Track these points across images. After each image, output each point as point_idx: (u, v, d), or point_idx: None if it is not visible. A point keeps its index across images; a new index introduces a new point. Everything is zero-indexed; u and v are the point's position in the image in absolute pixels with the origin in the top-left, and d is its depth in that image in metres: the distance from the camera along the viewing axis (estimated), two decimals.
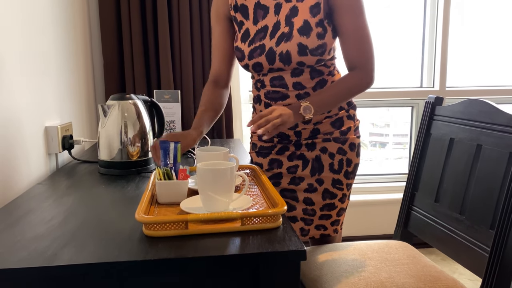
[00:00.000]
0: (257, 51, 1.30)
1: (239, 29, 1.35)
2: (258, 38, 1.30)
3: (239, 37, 1.34)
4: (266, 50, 1.29)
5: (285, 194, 1.40)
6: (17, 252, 0.78)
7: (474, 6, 2.66)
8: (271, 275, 0.80)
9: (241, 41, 1.33)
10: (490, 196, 1.12)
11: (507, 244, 1.03)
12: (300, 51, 1.25)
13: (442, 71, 2.59)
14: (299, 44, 1.25)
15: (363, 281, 1.11)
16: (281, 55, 1.27)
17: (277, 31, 1.28)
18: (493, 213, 1.10)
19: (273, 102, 1.34)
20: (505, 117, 1.12)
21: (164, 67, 2.08)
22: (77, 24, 1.89)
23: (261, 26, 1.31)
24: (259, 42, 1.30)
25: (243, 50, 1.32)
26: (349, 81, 1.28)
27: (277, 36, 1.28)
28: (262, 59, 1.30)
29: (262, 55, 1.29)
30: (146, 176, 1.35)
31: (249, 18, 1.32)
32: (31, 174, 1.36)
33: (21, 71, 1.31)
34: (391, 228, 2.56)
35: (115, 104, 1.37)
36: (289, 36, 1.26)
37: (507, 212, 1.04)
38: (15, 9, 1.29)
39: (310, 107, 1.21)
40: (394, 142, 3.00)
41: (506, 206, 1.04)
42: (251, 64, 1.32)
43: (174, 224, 0.85)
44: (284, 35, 1.27)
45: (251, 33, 1.32)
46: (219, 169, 0.93)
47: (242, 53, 1.33)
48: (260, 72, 1.34)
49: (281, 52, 1.27)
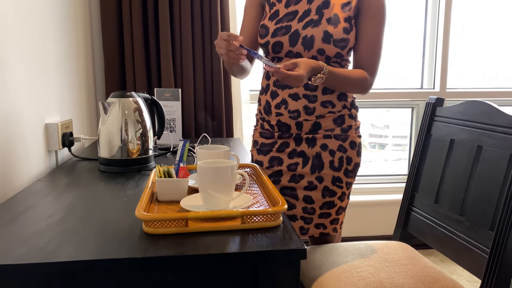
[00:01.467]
0: (282, 30, 1.33)
1: (270, 9, 1.38)
2: (286, 19, 1.34)
3: (268, 16, 1.38)
4: (292, 31, 1.32)
5: (285, 192, 1.41)
6: (16, 248, 0.78)
7: (475, 8, 2.66)
8: (271, 274, 0.80)
9: (269, 19, 1.37)
10: (490, 198, 1.12)
11: (506, 246, 1.03)
12: (324, 37, 1.28)
13: (443, 73, 2.59)
14: (325, 31, 1.28)
15: (362, 281, 1.11)
16: (304, 38, 1.30)
17: (307, 17, 1.32)
18: (493, 214, 1.10)
19: (280, 90, 1.35)
20: (506, 118, 1.12)
21: (165, 65, 2.08)
22: (78, 21, 1.89)
23: (291, 10, 1.35)
24: (287, 23, 1.33)
25: (268, 27, 1.35)
26: (359, 74, 1.33)
27: (305, 21, 1.32)
28: (284, 39, 1.32)
29: (286, 35, 1.32)
30: (146, 174, 1.35)
31: (282, 2, 1.37)
32: (31, 170, 1.36)
33: (21, 68, 1.31)
34: (391, 229, 2.56)
35: (115, 101, 1.37)
36: (317, 23, 1.30)
37: (507, 214, 1.04)
38: (16, 6, 1.28)
39: (322, 78, 1.21)
40: (394, 143, 3.00)
41: (506, 207, 1.04)
42: (272, 42, 1.34)
43: (174, 222, 0.85)
44: (312, 21, 1.31)
45: (280, 14, 1.36)
46: (220, 167, 0.93)
47: (266, 30, 1.35)
48: (277, 55, 1.36)
49: (305, 35, 1.30)
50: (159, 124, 1.61)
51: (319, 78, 1.20)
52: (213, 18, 2.09)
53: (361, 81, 1.33)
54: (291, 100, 1.34)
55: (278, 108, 1.36)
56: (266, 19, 1.37)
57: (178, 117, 1.94)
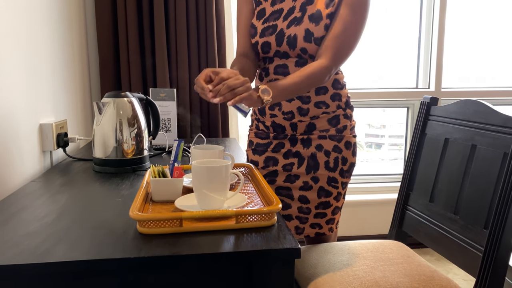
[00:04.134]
0: (269, 30, 1.33)
1: (256, 6, 1.39)
2: (272, 18, 1.34)
3: (255, 14, 1.38)
4: (277, 30, 1.32)
5: (280, 192, 1.41)
6: (9, 249, 0.78)
7: (470, 8, 2.67)
8: (265, 273, 0.80)
9: (256, 19, 1.37)
10: (484, 196, 1.12)
11: (500, 244, 1.04)
12: (306, 36, 1.28)
13: (438, 72, 2.60)
14: (307, 30, 1.27)
15: (358, 280, 1.11)
16: (289, 37, 1.30)
17: (291, 15, 1.31)
18: (487, 212, 1.11)
19: None
20: (499, 117, 1.13)
21: (160, 65, 2.07)
22: (73, 21, 1.88)
23: (277, 8, 1.35)
24: (273, 22, 1.33)
25: (256, 27, 1.36)
26: (308, 69, 1.23)
27: (289, 19, 1.31)
28: (271, 39, 1.32)
29: (272, 35, 1.32)
30: (141, 174, 1.35)
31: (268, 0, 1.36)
32: (25, 171, 1.35)
33: (16, 68, 1.30)
34: (386, 228, 2.56)
35: (110, 101, 1.37)
36: (299, 21, 1.29)
37: (501, 212, 1.04)
38: (9, 6, 1.28)
39: (268, 90, 1.14)
40: (390, 143, 3.01)
41: (500, 206, 1.05)
42: (261, 42, 1.35)
43: (168, 222, 0.85)
44: (295, 19, 1.30)
45: (266, 13, 1.36)
46: (214, 167, 0.93)
47: (255, 30, 1.36)
48: (267, 54, 1.36)
49: (289, 34, 1.29)
50: (154, 124, 1.61)
51: (263, 90, 1.14)
52: (208, 17, 2.09)
53: (315, 74, 1.22)
54: (284, 101, 1.34)
55: (272, 109, 1.36)
56: (254, 18, 1.38)
57: (174, 117, 1.94)
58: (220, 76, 1.07)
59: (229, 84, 1.05)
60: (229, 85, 1.05)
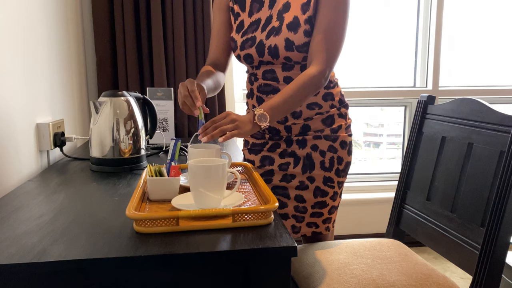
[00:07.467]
0: (248, 42, 1.33)
1: (235, 20, 1.38)
2: (251, 30, 1.33)
3: (234, 28, 1.38)
4: (257, 42, 1.31)
5: (277, 191, 1.41)
6: (6, 248, 0.78)
7: (467, 7, 2.68)
8: (262, 272, 0.80)
9: (236, 32, 1.37)
10: (481, 194, 1.13)
11: (497, 242, 1.04)
12: (287, 46, 1.27)
13: (435, 71, 2.60)
14: (286, 39, 1.27)
15: (355, 278, 1.12)
16: (270, 48, 1.29)
17: (268, 25, 1.31)
18: (483, 211, 1.11)
19: (265, 96, 1.35)
20: (496, 115, 1.13)
21: (157, 64, 2.07)
22: (69, 20, 1.88)
23: (255, 19, 1.34)
24: (251, 34, 1.33)
25: (236, 40, 1.36)
26: (300, 80, 1.21)
27: (267, 29, 1.30)
28: (252, 50, 1.32)
29: (252, 47, 1.32)
30: (138, 173, 1.35)
31: (245, 10, 1.36)
32: (22, 171, 1.35)
33: (12, 67, 1.30)
34: (383, 226, 2.57)
35: (107, 101, 1.36)
36: (278, 31, 1.28)
37: (497, 210, 1.04)
38: (6, 5, 1.27)
39: (265, 115, 1.15)
40: (388, 142, 3.02)
41: (497, 204, 1.05)
42: (242, 55, 1.35)
43: (165, 221, 0.85)
44: (274, 29, 1.29)
45: (245, 25, 1.35)
46: (211, 166, 0.93)
47: (235, 44, 1.36)
48: (252, 64, 1.36)
49: (270, 45, 1.29)
50: (151, 123, 1.61)
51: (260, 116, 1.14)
52: (206, 16, 2.09)
53: (306, 84, 1.21)
54: None
55: None
56: (233, 31, 1.38)
57: (171, 116, 1.94)
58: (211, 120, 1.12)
59: (216, 125, 1.10)
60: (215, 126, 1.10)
